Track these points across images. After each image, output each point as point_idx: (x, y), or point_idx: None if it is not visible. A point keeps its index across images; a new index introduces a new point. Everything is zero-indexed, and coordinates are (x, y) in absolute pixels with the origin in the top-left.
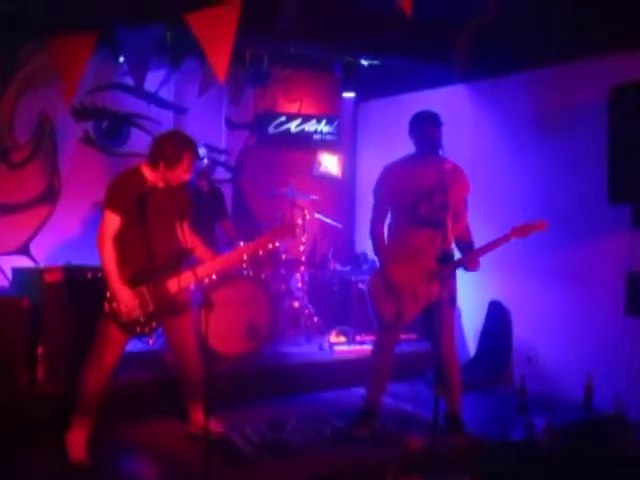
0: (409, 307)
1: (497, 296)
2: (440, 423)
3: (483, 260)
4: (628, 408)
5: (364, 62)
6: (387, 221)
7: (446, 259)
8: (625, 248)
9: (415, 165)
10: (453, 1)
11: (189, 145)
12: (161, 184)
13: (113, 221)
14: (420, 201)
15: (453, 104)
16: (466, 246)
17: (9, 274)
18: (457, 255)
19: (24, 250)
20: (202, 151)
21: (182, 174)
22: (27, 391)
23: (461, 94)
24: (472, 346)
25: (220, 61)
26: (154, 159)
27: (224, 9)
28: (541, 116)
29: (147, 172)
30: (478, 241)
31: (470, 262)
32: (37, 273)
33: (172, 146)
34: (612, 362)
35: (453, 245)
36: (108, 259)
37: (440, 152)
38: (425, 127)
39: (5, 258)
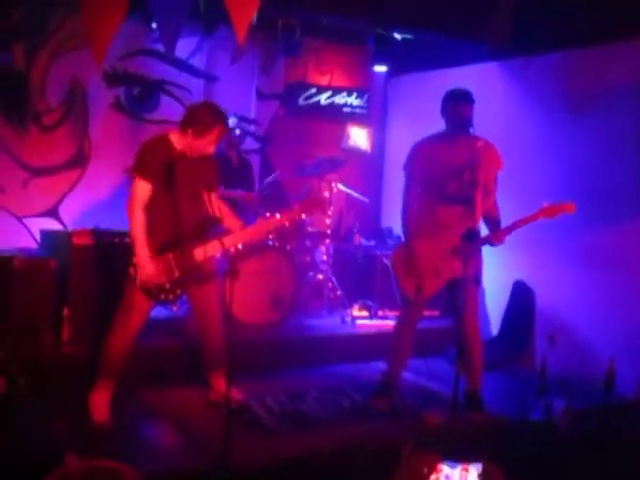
0: (429, 282)
1: (522, 276)
2: (460, 400)
3: (509, 240)
4: None
5: (397, 36)
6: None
7: (472, 237)
8: None
9: (445, 142)
10: None
11: (222, 119)
12: (190, 153)
13: (144, 188)
14: (449, 178)
15: (485, 82)
16: (493, 222)
17: (37, 236)
18: (484, 231)
19: (53, 213)
20: (232, 120)
21: (207, 146)
22: (52, 351)
23: (493, 72)
24: (495, 325)
25: (242, 22)
26: (185, 125)
27: None
28: (573, 96)
29: (175, 139)
30: (506, 218)
31: (496, 238)
32: (65, 236)
33: (206, 115)
34: (636, 347)
35: (480, 222)
36: (137, 226)
37: (471, 130)
38: (457, 105)
39: (34, 220)
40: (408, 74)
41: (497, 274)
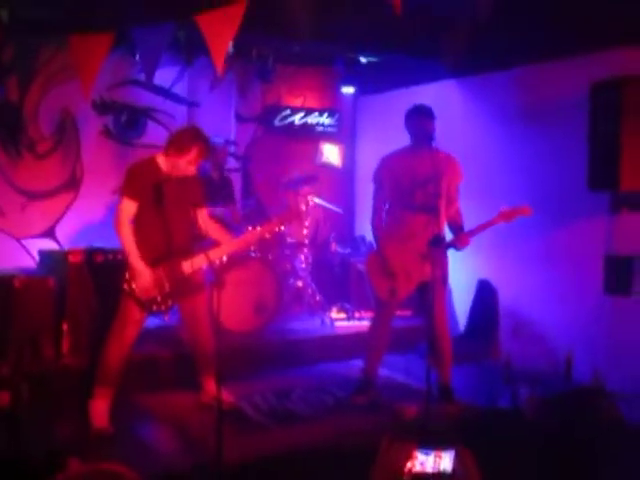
0: (402, 285)
1: (485, 275)
2: (432, 392)
3: (473, 242)
4: (606, 380)
5: (362, 59)
6: (385, 206)
7: (438, 242)
8: (603, 232)
9: (410, 155)
10: (445, 1)
11: (201, 140)
12: (174, 173)
13: (129, 206)
14: (415, 189)
15: (445, 98)
16: (457, 228)
17: (36, 256)
18: (448, 236)
19: (50, 234)
20: (218, 142)
21: (188, 165)
22: (53, 363)
23: (453, 89)
24: (462, 321)
25: (219, 55)
26: (167, 148)
27: (231, 9)
28: (527, 109)
29: (161, 162)
30: (468, 224)
31: (460, 242)
32: (62, 255)
33: (184, 136)
34: (591, 337)
35: (445, 228)
36: (127, 240)
37: (433, 144)
38: (419, 120)
39: (32, 241)
40: (375, 94)
41: (463, 274)
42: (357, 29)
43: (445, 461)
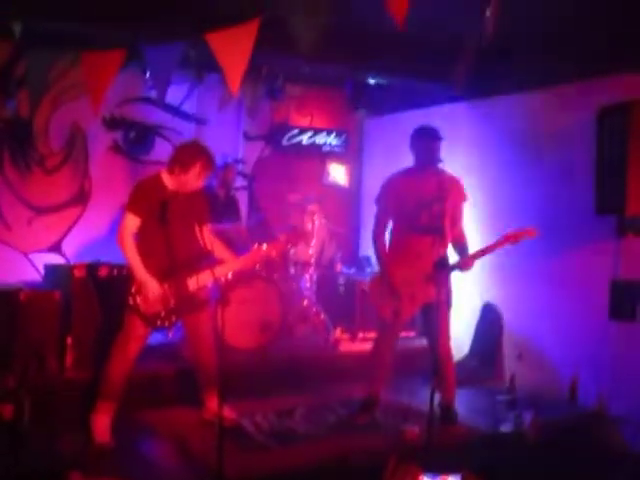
0: (406, 306)
1: (490, 298)
2: (435, 414)
3: (478, 265)
4: (610, 405)
5: (371, 81)
6: (389, 227)
7: (443, 264)
8: (609, 256)
9: (415, 177)
10: (454, 26)
11: (203, 154)
12: (181, 190)
13: (132, 222)
14: (420, 210)
15: (454, 121)
16: (461, 249)
17: (42, 270)
18: (452, 257)
19: (56, 248)
20: (227, 163)
21: (194, 181)
22: (56, 377)
23: (461, 112)
24: (466, 344)
25: (234, 77)
26: (171, 163)
27: (243, 29)
28: (535, 133)
29: (166, 178)
30: (475, 246)
31: (464, 264)
32: (67, 269)
33: (187, 152)
34: (596, 362)
35: (449, 249)
36: (131, 254)
37: (439, 165)
38: (425, 141)
39: (39, 255)
40: (383, 115)
41: (467, 297)
42: (366, 52)
43: None
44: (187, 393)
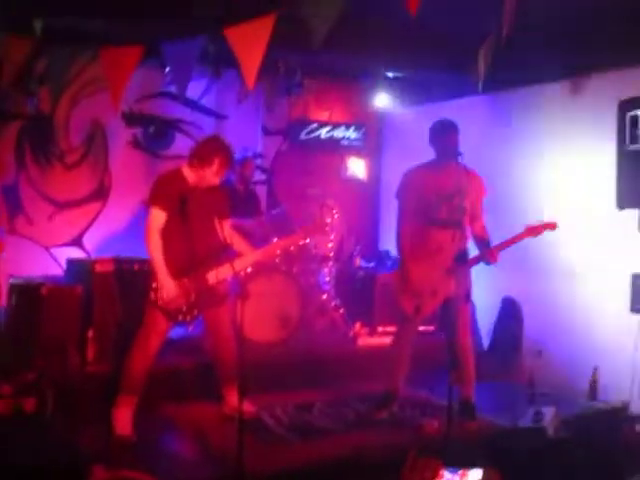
0: (428, 302)
1: (510, 292)
2: (454, 409)
3: (498, 259)
4: (630, 400)
5: (390, 74)
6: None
7: (463, 258)
8: (631, 250)
9: (435, 170)
10: (473, 17)
11: (223, 150)
12: (200, 184)
13: (158, 217)
14: (440, 203)
15: (473, 114)
16: (483, 243)
17: (64, 264)
18: (473, 252)
19: (77, 242)
20: (246, 157)
21: (212, 177)
22: (78, 371)
23: (480, 104)
24: (486, 339)
25: (251, 70)
26: (191, 158)
27: (259, 23)
28: (555, 126)
29: (187, 173)
30: (494, 240)
31: (490, 257)
32: (89, 264)
33: (207, 147)
34: (617, 356)
35: (470, 243)
36: (154, 250)
37: (459, 158)
38: (444, 134)
39: (60, 250)
40: (402, 108)
41: (487, 291)
42: (384, 45)
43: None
44: (207, 387)
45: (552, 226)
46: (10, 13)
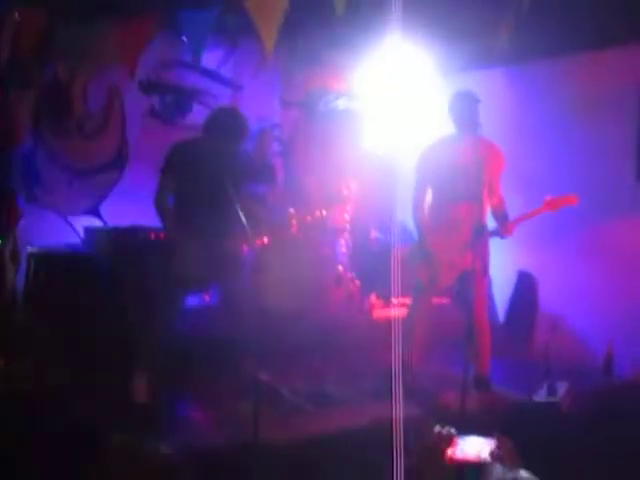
0: (445, 275)
1: (526, 266)
2: (469, 381)
3: (516, 232)
4: None
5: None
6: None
7: (480, 231)
8: None
9: (452, 144)
10: None
11: (237, 119)
12: (215, 153)
13: (166, 185)
14: (458, 177)
15: (491, 86)
16: (501, 217)
17: (82, 232)
18: (491, 225)
19: (95, 211)
20: (262, 127)
21: (228, 144)
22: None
23: (499, 77)
24: (501, 312)
25: (269, 38)
26: (206, 130)
27: None
28: (575, 100)
29: (201, 140)
30: (512, 214)
31: (504, 231)
32: (106, 232)
33: (222, 118)
34: (632, 331)
35: (488, 216)
36: (165, 217)
37: (478, 130)
38: (464, 104)
39: (78, 219)
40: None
41: (503, 264)
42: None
43: (485, 449)
44: (223, 356)
45: (572, 200)
46: None
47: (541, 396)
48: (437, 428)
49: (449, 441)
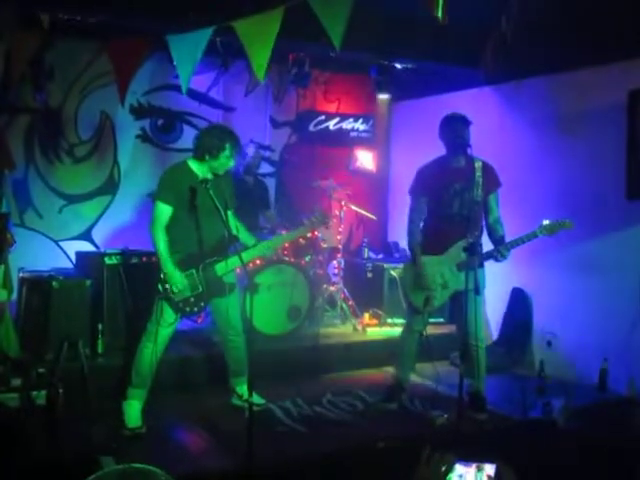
0: (438, 294)
1: (520, 284)
2: (464, 401)
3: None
4: None
5: (398, 65)
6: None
7: (473, 250)
8: None
9: (447, 165)
10: (480, 8)
11: (229, 135)
12: (209, 176)
13: (164, 211)
14: (452, 198)
15: (480, 105)
16: (498, 238)
17: (73, 257)
18: (487, 246)
19: (86, 236)
20: (251, 149)
21: (226, 161)
22: (89, 363)
23: (488, 96)
24: (495, 330)
25: (260, 63)
26: (199, 152)
27: (268, 16)
28: (563, 117)
29: (194, 166)
30: (507, 232)
31: (499, 254)
32: (98, 257)
33: (213, 137)
34: (626, 347)
35: (484, 237)
36: (160, 244)
37: (469, 151)
38: (455, 128)
39: (70, 243)
40: (409, 100)
41: (496, 282)
42: (392, 37)
43: (483, 475)
44: (216, 379)
45: (568, 225)
46: (18, 8)
47: (536, 414)
48: (436, 455)
49: (449, 465)
